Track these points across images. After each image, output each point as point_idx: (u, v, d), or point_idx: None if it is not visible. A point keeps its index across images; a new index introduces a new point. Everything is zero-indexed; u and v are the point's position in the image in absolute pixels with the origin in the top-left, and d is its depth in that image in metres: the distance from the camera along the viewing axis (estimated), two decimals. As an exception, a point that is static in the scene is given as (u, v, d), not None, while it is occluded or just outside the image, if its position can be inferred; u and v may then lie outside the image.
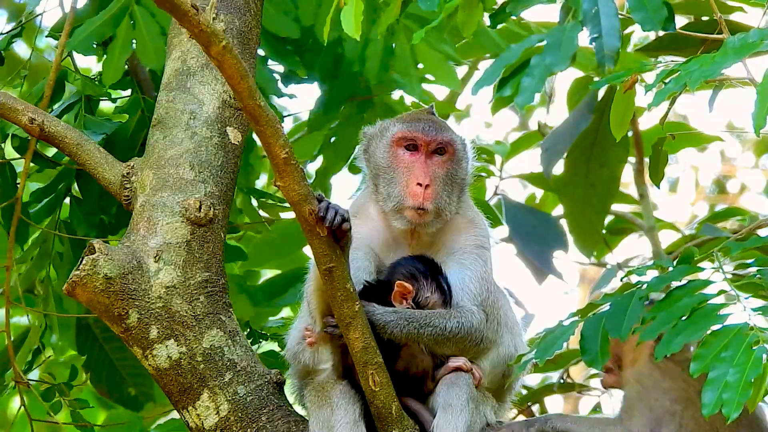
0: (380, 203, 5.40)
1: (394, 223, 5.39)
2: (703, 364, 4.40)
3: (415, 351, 5.22)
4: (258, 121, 4.83)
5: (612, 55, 4.30)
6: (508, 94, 4.45)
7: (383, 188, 5.40)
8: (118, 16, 6.45)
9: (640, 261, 8.82)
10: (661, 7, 4.33)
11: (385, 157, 5.42)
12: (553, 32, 4.38)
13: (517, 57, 4.44)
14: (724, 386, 4.34)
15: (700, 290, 4.57)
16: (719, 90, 5.09)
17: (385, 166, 5.41)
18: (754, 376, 4.30)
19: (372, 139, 5.50)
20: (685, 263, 4.69)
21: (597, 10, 4.34)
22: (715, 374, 4.36)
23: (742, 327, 4.43)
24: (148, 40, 6.43)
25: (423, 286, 5.25)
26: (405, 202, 5.35)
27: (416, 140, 5.40)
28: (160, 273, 5.32)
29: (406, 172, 5.38)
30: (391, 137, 5.42)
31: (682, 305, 4.53)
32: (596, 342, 4.64)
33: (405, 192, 5.36)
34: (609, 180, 8.06)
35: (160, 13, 6.39)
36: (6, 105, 5.60)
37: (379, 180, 5.42)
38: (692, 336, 4.46)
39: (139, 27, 6.41)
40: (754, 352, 4.35)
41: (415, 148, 5.40)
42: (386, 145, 5.43)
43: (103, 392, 7.44)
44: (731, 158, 12.79)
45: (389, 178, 5.40)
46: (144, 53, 6.44)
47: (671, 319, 4.50)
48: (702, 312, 4.50)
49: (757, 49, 4.52)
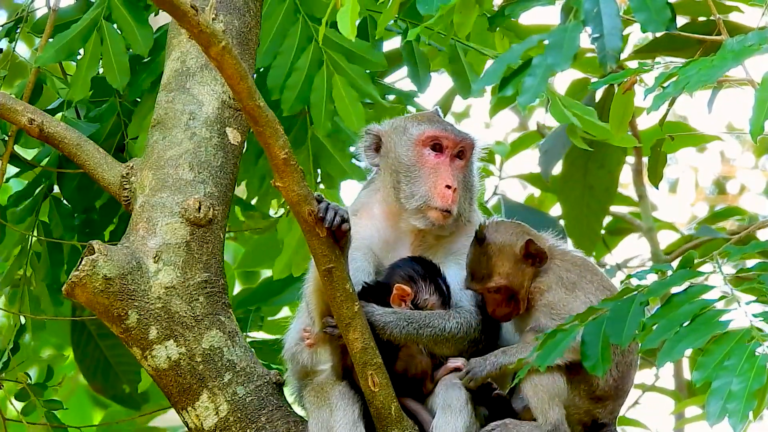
0: (401, 200, 5.38)
1: (414, 222, 5.38)
2: (706, 374, 4.36)
3: (414, 352, 5.21)
4: (257, 121, 4.83)
5: (614, 55, 4.29)
6: (510, 94, 4.44)
7: (406, 186, 5.38)
8: (87, 31, 6.28)
9: (639, 262, 8.83)
10: (665, 8, 4.32)
11: (408, 155, 5.41)
12: (554, 32, 4.36)
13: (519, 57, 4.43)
14: (729, 396, 4.29)
15: (701, 295, 4.55)
16: (718, 91, 5.08)
17: (408, 164, 5.40)
18: (758, 386, 4.27)
19: (388, 136, 5.48)
20: (685, 267, 4.68)
21: (598, 9, 4.32)
22: (718, 384, 4.32)
23: (744, 334, 4.39)
24: (113, 57, 6.27)
25: (421, 289, 5.24)
26: (432, 202, 5.35)
27: (443, 142, 5.40)
28: (160, 273, 5.32)
29: (432, 172, 5.38)
30: (418, 136, 5.41)
31: (683, 311, 4.50)
32: (597, 347, 4.62)
33: (433, 192, 5.35)
34: (607, 181, 8.08)
35: (128, 30, 6.24)
36: (5, 105, 5.61)
37: (401, 177, 5.41)
38: (694, 343, 4.42)
39: (106, 44, 6.23)
40: (758, 359, 4.32)
41: (440, 149, 5.41)
42: (410, 143, 5.42)
43: (98, 389, 7.45)
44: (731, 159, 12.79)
45: (413, 176, 5.39)
46: (109, 71, 6.28)
47: (672, 326, 4.48)
48: (703, 318, 4.45)
49: (756, 52, 4.51)
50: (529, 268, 5.23)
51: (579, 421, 5.19)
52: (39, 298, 6.64)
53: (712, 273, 4.65)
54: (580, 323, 4.64)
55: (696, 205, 12.51)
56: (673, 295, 4.57)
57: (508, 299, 5.23)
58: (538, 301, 5.20)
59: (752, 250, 4.68)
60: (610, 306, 4.64)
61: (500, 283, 5.21)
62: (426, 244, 5.43)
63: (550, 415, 5.08)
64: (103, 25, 6.29)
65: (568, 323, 4.66)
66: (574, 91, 8.08)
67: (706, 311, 4.48)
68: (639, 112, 7.87)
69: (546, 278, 5.22)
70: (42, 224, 6.59)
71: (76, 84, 6.28)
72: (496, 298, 5.23)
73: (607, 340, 4.58)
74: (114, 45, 6.26)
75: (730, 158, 12.80)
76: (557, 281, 5.20)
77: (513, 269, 5.21)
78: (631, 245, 9.44)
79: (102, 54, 6.27)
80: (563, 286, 5.19)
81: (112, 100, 6.61)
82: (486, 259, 5.22)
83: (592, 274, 5.24)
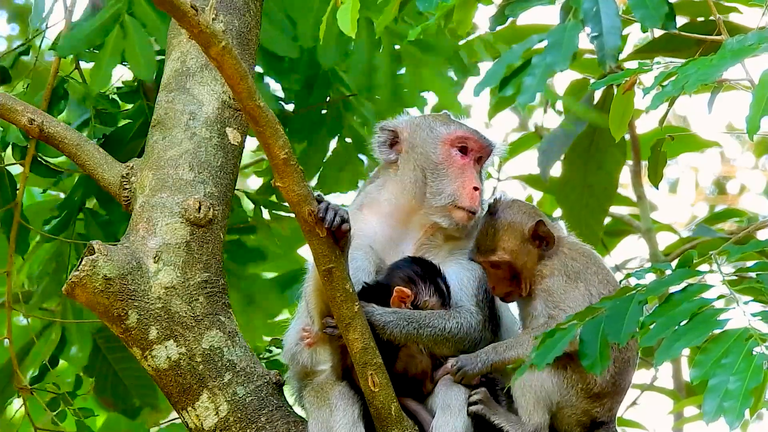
0: (427, 196, 5.40)
1: (437, 219, 5.39)
2: (703, 372, 4.37)
3: (414, 352, 5.22)
4: (257, 121, 4.83)
5: (613, 54, 4.30)
6: (510, 93, 4.45)
7: (434, 183, 5.40)
8: (109, 24, 6.37)
9: (638, 263, 8.83)
10: (662, 4, 4.34)
11: (436, 152, 5.43)
12: (553, 32, 4.37)
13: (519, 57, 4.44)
14: (725, 394, 4.30)
15: (699, 294, 4.55)
16: (718, 92, 5.09)
17: (436, 161, 5.42)
18: (755, 385, 4.28)
19: (411, 132, 5.50)
20: (684, 267, 4.68)
21: (597, 9, 4.34)
22: (715, 381, 4.33)
23: (741, 332, 4.39)
24: (139, 50, 6.36)
25: (421, 290, 5.24)
26: (461, 202, 5.37)
27: (470, 144, 5.44)
28: (160, 274, 5.33)
29: (460, 173, 5.41)
30: (447, 135, 5.44)
31: (682, 310, 4.51)
32: (596, 346, 4.63)
33: (462, 192, 5.38)
34: (606, 182, 8.08)
35: (152, 23, 6.33)
36: (5, 105, 5.61)
37: (427, 174, 5.42)
38: (692, 341, 4.43)
39: (130, 36, 6.31)
40: (755, 359, 4.33)
41: (466, 151, 5.44)
42: (438, 141, 5.44)
43: (108, 403, 7.43)
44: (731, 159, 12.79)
45: (440, 174, 5.41)
46: (134, 63, 6.37)
47: (670, 325, 4.49)
48: (701, 317, 4.47)
49: (755, 52, 4.52)
50: (535, 250, 5.24)
51: (578, 422, 5.19)
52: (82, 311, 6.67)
53: (710, 272, 4.65)
54: (578, 322, 4.64)
55: (696, 205, 12.51)
56: (672, 293, 4.58)
57: (510, 278, 5.24)
58: (538, 286, 5.21)
59: (752, 249, 4.69)
60: (608, 305, 4.65)
61: (503, 258, 5.22)
62: (432, 243, 5.43)
63: (534, 417, 5.10)
64: (126, 20, 6.37)
65: (566, 322, 4.66)
66: (573, 92, 8.10)
67: (705, 310, 4.48)
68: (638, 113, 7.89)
69: (550, 263, 5.23)
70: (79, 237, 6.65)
71: (96, 75, 6.33)
72: (498, 274, 5.24)
73: (606, 339, 4.58)
74: (138, 38, 6.35)
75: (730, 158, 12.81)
76: (560, 268, 5.21)
77: (518, 247, 5.23)
78: (629, 246, 9.45)
79: (125, 48, 6.33)
80: (565, 274, 5.19)
81: (140, 102, 6.65)
82: (494, 232, 5.24)
83: (598, 267, 5.24)
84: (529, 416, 5.09)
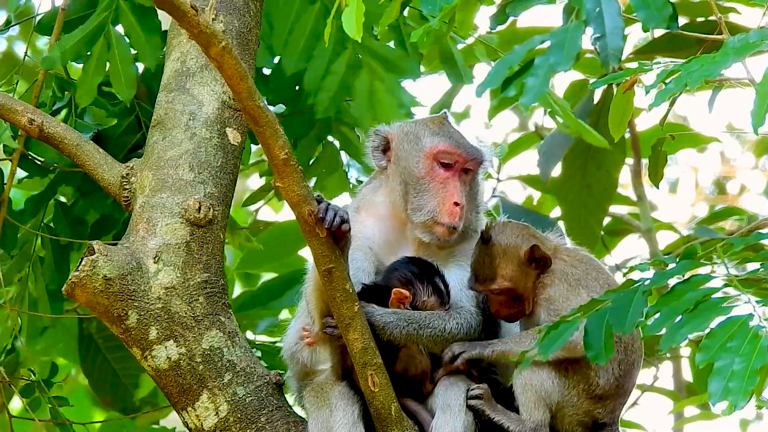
0: (408, 212, 5.37)
1: (419, 235, 5.35)
2: (709, 355, 4.37)
3: (414, 352, 5.21)
4: (257, 121, 4.83)
5: (616, 54, 4.30)
6: (512, 94, 4.44)
7: (414, 199, 5.35)
8: (94, 34, 6.24)
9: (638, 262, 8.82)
10: (666, 5, 4.33)
11: (418, 167, 5.37)
12: (556, 32, 4.36)
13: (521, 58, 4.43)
14: (731, 375, 4.30)
15: (704, 284, 4.55)
16: (719, 91, 5.08)
17: (417, 176, 5.36)
18: (760, 365, 4.28)
19: (398, 141, 5.45)
20: (688, 259, 4.68)
21: (600, 9, 4.32)
22: (721, 364, 4.33)
23: (747, 317, 4.40)
24: (120, 67, 6.23)
25: (419, 291, 5.24)
26: (440, 218, 5.33)
27: (453, 158, 5.37)
28: (160, 274, 5.32)
29: (441, 188, 5.35)
30: (430, 149, 5.37)
31: (686, 299, 4.50)
32: (600, 337, 4.62)
33: (441, 209, 5.32)
34: (606, 182, 8.08)
35: (135, 38, 6.23)
36: (5, 106, 5.60)
37: (409, 189, 5.38)
38: (697, 328, 4.44)
39: (113, 51, 6.21)
40: (760, 340, 4.33)
41: (450, 165, 5.38)
42: (421, 155, 5.38)
43: (107, 402, 7.41)
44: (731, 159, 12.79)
45: (422, 189, 5.35)
46: (116, 82, 6.24)
47: (675, 313, 4.48)
48: (706, 305, 4.47)
49: (757, 48, 4.52)
50: (534, 272, 5.23)
51: (579, 422, 5.19)
52: (37, 302, 6.62)
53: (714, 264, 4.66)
54: (582, 315, 4.64)
55: (696, 205, 12.51)
56: (675, 284, 4.58)
57: (512, 300, 5.22)
58: (540, 296, 5.20)
59: (755, 240, 4.69)
60: (612, 297, 4.65)
61: (503, 286, 5.21)
62: (429, 249, 5.41)
63: (534, 415, 5.09)
64: (110, 31, 6.27)
65: (570, 315, 4.65)
66: (573, 92, 8.09)
67: (709, 298, 4.48)
68: (638, 112, 7.90)
69: (550, 273, 5.22)
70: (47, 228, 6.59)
71: (82, 89, 6.26)
72: (500, 300, 5.22)
73: (610, 330, 4.57)
74: (121, 53, 6.22)
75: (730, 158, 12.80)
76: (561, 276, 5.20)
77: (517, 272, 5.21)
78: (630, 246, 9.44)
79: (109, 61, 6.24)
80: (566, 281, 5.19)
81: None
82: (490, 260, 5.22)
83: (598, 272, 5.23)
84: (529, 413, 5.09)
